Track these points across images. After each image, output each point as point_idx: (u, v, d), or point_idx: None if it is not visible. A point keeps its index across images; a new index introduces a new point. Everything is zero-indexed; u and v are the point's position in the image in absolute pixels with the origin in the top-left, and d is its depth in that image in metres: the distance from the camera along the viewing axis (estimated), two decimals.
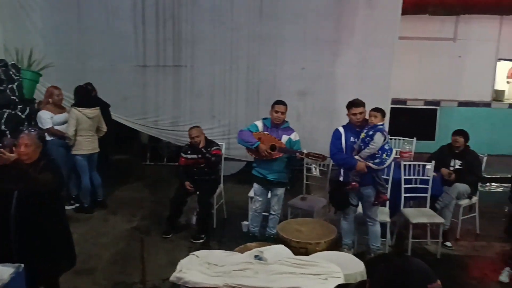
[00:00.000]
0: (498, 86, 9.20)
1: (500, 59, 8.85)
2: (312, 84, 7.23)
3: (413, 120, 8.66)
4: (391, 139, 6.83)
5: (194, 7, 6.89)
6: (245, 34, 6.97)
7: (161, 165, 8.22)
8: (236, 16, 6.87)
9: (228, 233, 5.44)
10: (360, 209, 4.75)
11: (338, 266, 3.00)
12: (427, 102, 8.90)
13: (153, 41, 6.99)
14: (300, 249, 3.43)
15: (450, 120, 8.38)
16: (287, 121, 4.89)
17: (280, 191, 4.93)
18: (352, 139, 4.50)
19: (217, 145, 5.49)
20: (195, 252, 3.25)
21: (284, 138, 4.75)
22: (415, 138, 6.53)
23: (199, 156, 5.28)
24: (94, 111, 5.81)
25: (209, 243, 5.13)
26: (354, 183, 4.46)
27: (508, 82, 10.66)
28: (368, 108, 4.55)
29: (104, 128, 6.01)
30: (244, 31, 6.94)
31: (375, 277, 1.91)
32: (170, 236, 5.25)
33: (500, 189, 7.38)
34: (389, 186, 5.02)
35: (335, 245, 3.53)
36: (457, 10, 8.23)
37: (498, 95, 9.06)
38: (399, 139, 6.60)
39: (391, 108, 8.23)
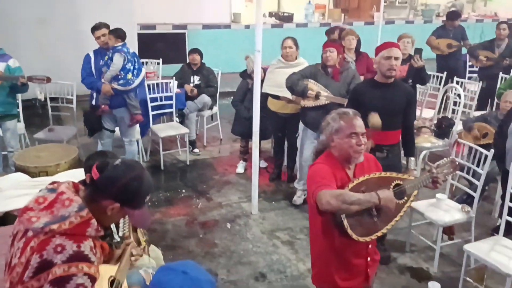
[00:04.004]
0: (235, 10, 10.19)
1: None
2: (50, 10, 6.74)
3: (164, 44, 9.00)
4: None
5: None
6: None
7: None
8: None
9: None
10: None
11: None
12: (175, 26, 9.29)
13: None
14: (40, 174, 3.41)
15: (197, 42, 8.95)
16: (1, 48, 4.51)
17: (11, 124, 4.58)
18: (101, 62, 4.56)
19: None
20: None
21: (1, 66, 4.39)
22: (160, 59, 6.86)
23: None
24: None
25: None
26: (103, 106, 4.57)
27: (246, 6, 11.91)
28: None
29: None
30: None
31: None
32: None
33: None
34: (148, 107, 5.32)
35: (78, 164, 3.62)
36: None
37: (236, 18, 10.07)
38: (145, 62, 6.83)
39: (141, 33, 8.39)
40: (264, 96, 4.65)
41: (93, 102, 4.67)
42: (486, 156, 3.53)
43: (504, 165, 3.77)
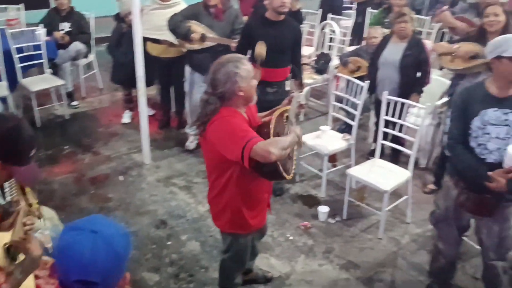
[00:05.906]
0: None
1: None
2: None
3: None
4: None
5: None
6: None
7: None
8: None
9: None
10: None
11: None
12: None
13: None
14: None
15: None
16: None
17: None
18: None
19: None
20: None
21: None
22: (23, 4, 6.07)
23: None
24: None
25: None
26: None
27: None
28: None
29: None
30: None
31: None
32: None
33: None
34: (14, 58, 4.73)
35: None
36: None
37: None
38: (5, 7, 6.01)
39: None
40: (143, 41, 4.40)
41: None
42: (362, 88, 3.83)
43: (376, 95, 4.15)
